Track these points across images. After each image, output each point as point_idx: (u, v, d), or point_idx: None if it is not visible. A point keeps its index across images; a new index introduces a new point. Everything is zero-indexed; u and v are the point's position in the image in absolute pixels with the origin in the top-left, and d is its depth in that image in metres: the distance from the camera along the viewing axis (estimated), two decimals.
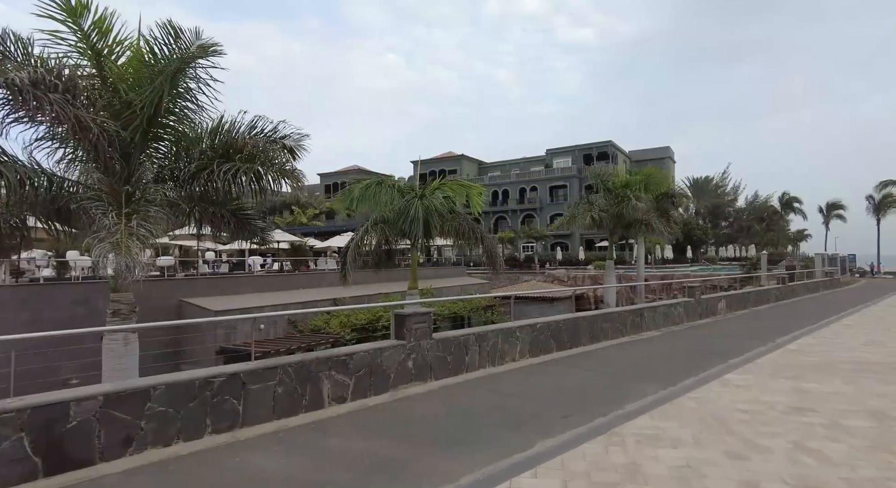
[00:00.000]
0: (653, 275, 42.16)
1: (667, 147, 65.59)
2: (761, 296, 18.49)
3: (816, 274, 30.15)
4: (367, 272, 28.86)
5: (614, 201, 17.99)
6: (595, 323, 10.25)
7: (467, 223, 11.87)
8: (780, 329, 11.94)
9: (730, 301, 15.86)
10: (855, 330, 11.96)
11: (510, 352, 8.20)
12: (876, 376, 7.22)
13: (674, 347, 9.65)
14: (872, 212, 54.26)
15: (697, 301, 14.00)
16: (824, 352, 9.13)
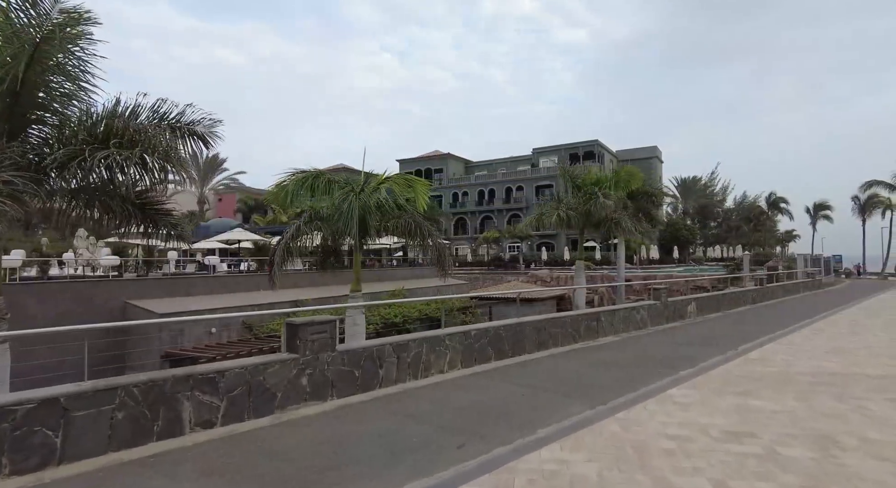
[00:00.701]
0: (636, 275, 41.60)
1: (654, 146, 65.16)
2: (737, 299, 17.83)
3: (798, 275, 29.64)
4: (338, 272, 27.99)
5: (583, 199, 17.26)
6: (543, 328, 9.47)
7: (414, 220, 11.05)
8: (748, 334, 11.24)
9: (701, 303, 15.17)
10: (824, 335, 11.28)
11: (437, 363, 7.40)
12: (831, 390, 6.49)
13: (625, 356, 8.89)
14: (858, 212, 54.10)
15: (664, 304, 13.27)
16: (785, 361, 8.42)
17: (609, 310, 11.51)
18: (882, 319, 14.23)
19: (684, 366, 7.94)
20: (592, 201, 16.75)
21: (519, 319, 9.16)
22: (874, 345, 9.88)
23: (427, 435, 4.83)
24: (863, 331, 12.00)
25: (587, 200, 17.05)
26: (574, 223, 17.44)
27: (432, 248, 11.31)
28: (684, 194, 69.66)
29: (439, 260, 11.39)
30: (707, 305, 15.52)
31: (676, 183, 70.15)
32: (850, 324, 13.07)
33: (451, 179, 68.11)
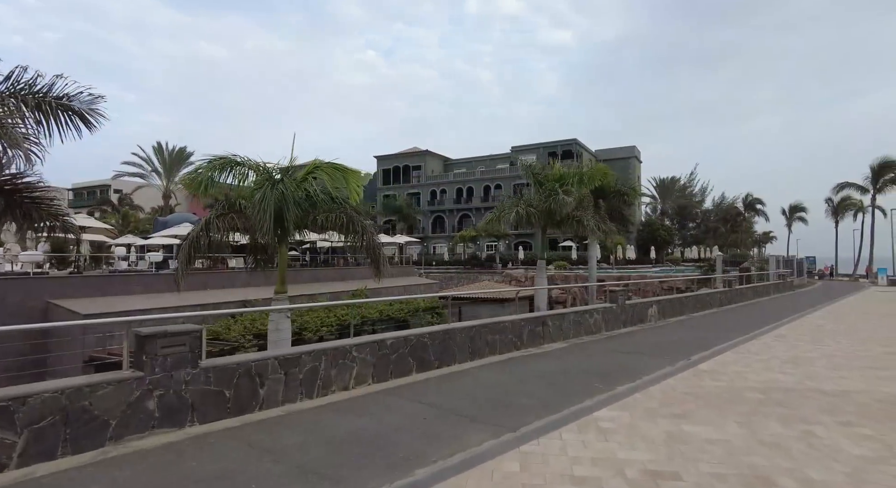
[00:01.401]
0: (610, 275, 41.10)
1: (632, 146, 64.97)
2: (703, 301, 17.19)
3: (770, 276, 29.32)
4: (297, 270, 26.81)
5: (545, 196, 16.42)
6: (478, 335, 8.57)
7: (346, 215, 10.04)
8: (705, 341, 10.49)
9: (663, 306, 14.44)
10: (785, 342, 10.58)
11: (340, 378, 6.43)
12: (779, 411, 5.69)
13: (564, 367, 8.03)
14: (831, 214, 54.52)
15: (621, 307, 12.49)
16: (738, 373, 7.64)
17: (557, 313, 10.66)
18: (846, 324, 13.65)
19: (625, 380, 7.10)
20: (552, 198, 15.93)
21: (448, 325, 8.24)
22: (834, 355, 9.18)
23: (272, 479, 3.87)
24: (825, 337, 11.35)
25: (548, 197, 16.24)
26: (535, 221, 16.58)
27: (366, 247, 10.30)
28: (662, 195, 69.68)
29: (374, 259, 10.40)
30: (670, 308, 14.81)
31: (655, 183, 70.15)
32: (814, 330, 12.43)
33: (429, 177, 67.09)
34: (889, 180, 41.39)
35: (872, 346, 10.10)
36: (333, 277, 26.69)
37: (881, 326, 13.33)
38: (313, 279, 25.72)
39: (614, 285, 13.69)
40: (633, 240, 61.02)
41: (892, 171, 41.06)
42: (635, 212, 64.08)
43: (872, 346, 10.10)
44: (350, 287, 24.67)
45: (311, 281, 25.63)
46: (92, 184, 70.08)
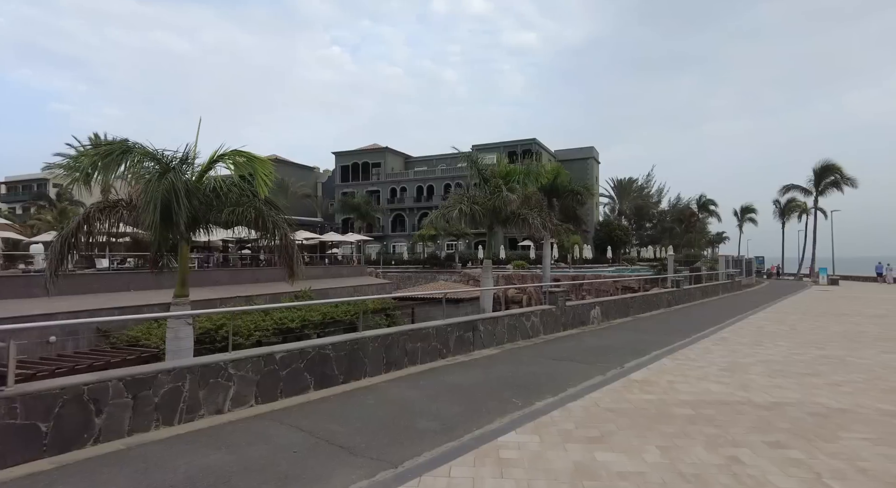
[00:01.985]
0: (566, 275, 41.10)
1: (591, 147, 65.63)
2: (649, 302, 16.91)
3: (720, 276, 29.72)
4: (237, 271, 25.31)
5: (490, 193, 15.76)
6: (396, 344, 7.71)
7: (256, 209, 9.00)
8: (644, 346, 9.99)
9: (607, 308, 13.98)
10: (725, 346, 10.20)
11: (212, 400, 5.45)
12: (707, 431, 5.08)
13: (486, 378, 7.28)
14: (778, 216, 56.50)
15: (561, 309, 11.90)
16: (671, 384, 7.06)
17: (490, 317, 9.93)
18: (786, 325, 13.53)
19: (547, 394, 6.41)
20: (497, 195, 15.28)
21: (359, 334, 7.35)
22: (771, 359, 8.80)
23: None
24: (765, 339, 11.06)
25: (493, 194, 15.58)
26: (479, 219, 15.89)
27: (279, 245, 9.28)
28: (620, 195, 70.79)
29: (287, 260, 9.38)
30: (614, 310, 14.37)
31: (612, 184, 71.20)
32: (755, 332, 12.18)
33: (389, 175, 65.89)
34: (830, 183, 43.02)
35: (809, 349, 9.82)
36: (276, 278, 25.30)
37: (818, 326, 13.25)
38: (253, 280, 24.30)
39: (554, 286, 13.10)
40: (591, 240, 61.66)
41: (833, 175, 42.69)
42: (593, 212, 64.81)
43: (809, 349, 9.82)
44: (290, 288, 23.44)
45: (251, 282, 24.22)
46: (28, 178, 65.58)
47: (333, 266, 30.02)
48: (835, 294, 26.93)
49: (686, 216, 61.44)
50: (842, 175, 42.21)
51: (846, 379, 7.31)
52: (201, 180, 9.06)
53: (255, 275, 24.68)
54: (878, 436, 4.95)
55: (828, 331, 12.36)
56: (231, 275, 23.55)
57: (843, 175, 42.25)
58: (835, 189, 42.84)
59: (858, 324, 13.66)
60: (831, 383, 7.12)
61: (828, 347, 10.10)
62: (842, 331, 12.35)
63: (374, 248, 65.89)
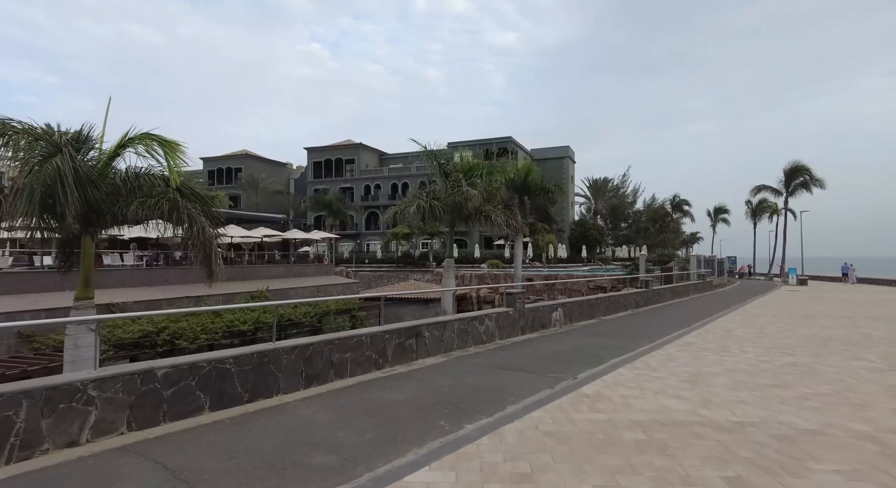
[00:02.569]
0: (539, 274, 40.61)
1: (566, 146, 65.46)
2: (616, 303, 16.28)
3: (692, 276, 29.47)
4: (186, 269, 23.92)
5: (451, 188, 14.91)
6: (319, 354, 6.77)
7: (170, 200, 7.95)
8: (603, 352, 9.27)
9: (570, 309, 13.26)
10: (690, 352, 9.53)
11: (62, 429, 4.44)
12: (656, 461, 4.29)
13: (418, 394, 6.41)
14: (750, 216, 57.09)
15: (519, 311, 11.11)
16: (624, 400, 6.30)
17: (438, 322, 9.06)
18: (754, 328, 13.01)
19: (482, 413, 5.57)
20: (457, 190, 14.44)
21: (269, 345, 6.38)
22: (737, 368, 8.14)
23: None
24: (732, 345, 10.46)
25: (454, 189, 14.73)
26: (440, 215, 15.03)
27: (196, 241, 8.24)
28: (595, 195, 70.82)
29: (205, 257, 8.36)
30: (578, 312, 13.66)
31: (588, 183, 71.19)
32: (722, 337, 11.59)
33: (363, 171, 64.61)
34: (799, 184, 43.46)
35: (776, 356, 9.22)
36: (232, 277, 24.01)
37: (786, 329, 12.76)
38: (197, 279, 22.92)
39: (512, 287, 12.29)
40: (566, 240, 61.45)
41: (802, 175, 43.13)
42: (568, 211, 64.64)
43: (776, 356, 9.22)
44: (248, 288, 22.22)
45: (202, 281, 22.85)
46: None
47: (296, 265, 28.81)
48: (803, 294, 26.89)
49: (660, 216, 61.71)
50: (811, 176, 42.67)
51: (814, 392, 6.65)
52: (107, 167, 7.98)
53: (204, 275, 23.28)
54: (852, 468, 4.22)
55: (796, 335, 11.85)
56: (182, 273, 22.20)
57: (812, 176, 42.71)
58: (804, 190, 43.30)
59: (826, 327, 13.23)
60: (799, 396, 6.44)
61: (796, 353, 9.52)
62: (810, 335, 11.85)
63: (347, 247, 64.64)
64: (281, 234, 29.06)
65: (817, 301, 22.16)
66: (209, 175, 70.22)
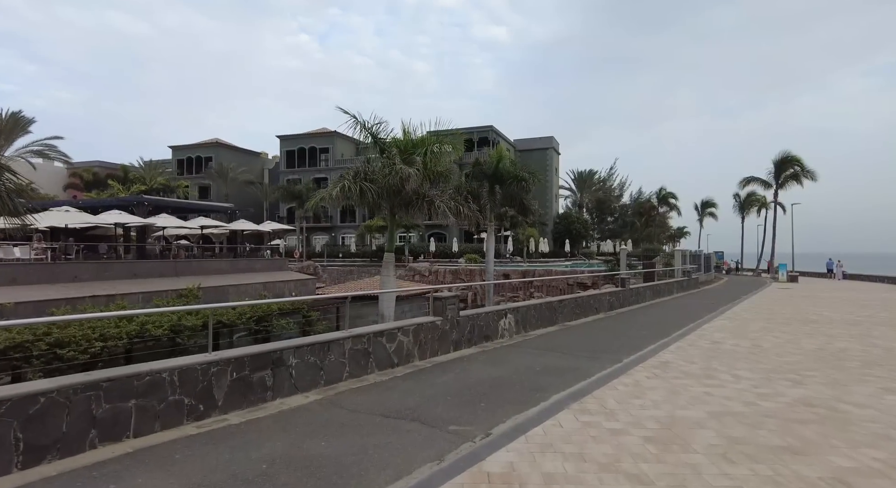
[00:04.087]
0: (516, 271, 38.23)
1: (550, 137, 63.03)
2: (585, 305, 13.84)
3: (677, 272, 27.21)
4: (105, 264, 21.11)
5: (388, 167, 12.32)
6: (63, 408, 4.19)
7: None
8: (549, 380, 6.81)
9: (524, 315, 10.77)
10: (664, 380, 7.08)
11: None
12: None
13: (208, 479, 3.87)
14: (738, 210, 55.23)
15: (450, 321, 8.60)
16: (549, 480, 3.81)
17: (317, 342, 6.46)
18: (748, 339, 10.64)
19: None
20: (391, 170, 11.86)
21: (88, 377, 3.77)
22: (729, 410, 5.69)
23: None
24: (720, 366, 8.05)
25: (390, 169, 12.14)
26: (373, 200, 12.42)
27: None
28: (580, 188, 68.61)
29: None
30: (536, 317, 11.19)
31: (573, 176, 68.93)
32: (708, 353, 9.18)
33: (338, 161, 61.61)
34: (789, 176, 41.44)
35: (781, 386, 6.82)
36: (160, 272, 21.25)
37: (787, 341, 10.41)
38: (129, 275, 20.18)
39: (436, 290, 9.69)
40: (549, 234, 59.16)
41: (792, 167, 41.11)
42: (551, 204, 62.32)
43: (781, 386, 6.82)
44: (178, 285, 19.47)
45: (127, 277, 20.09)
46: None
47: (244, 259, 26.02)
48: (796, 292, 24.77)
49: (646, 209, 59.61)
50: (802, 167, 40.66)
51: (854, 466, 4.21)
52: None
53: (131, 269, 20.54)
54: None
55: (800, 349, 9.50)
56: (98, 269, 19.39)
57: (803, 167, 40.70)
58: (794, 182, 41.27)
59: (834, 337, 10.91)
60: (833, 477, 4.00)
61: (806, 379, 7.13)
62: (817, 349, 9.50)
63: (321, 240, 61.76)
64: (226, 225, 26.24)
65: (813, 301, 19.97)
66: (178, 164, 67.04)
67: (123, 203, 23.21)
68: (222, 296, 21.41)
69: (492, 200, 27.66)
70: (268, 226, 29.23)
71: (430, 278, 40.66)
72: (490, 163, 28.24)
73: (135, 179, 50.08)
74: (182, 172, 66.06)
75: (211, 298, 20.53)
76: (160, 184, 51.25)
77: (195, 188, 65.00)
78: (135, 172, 53.59)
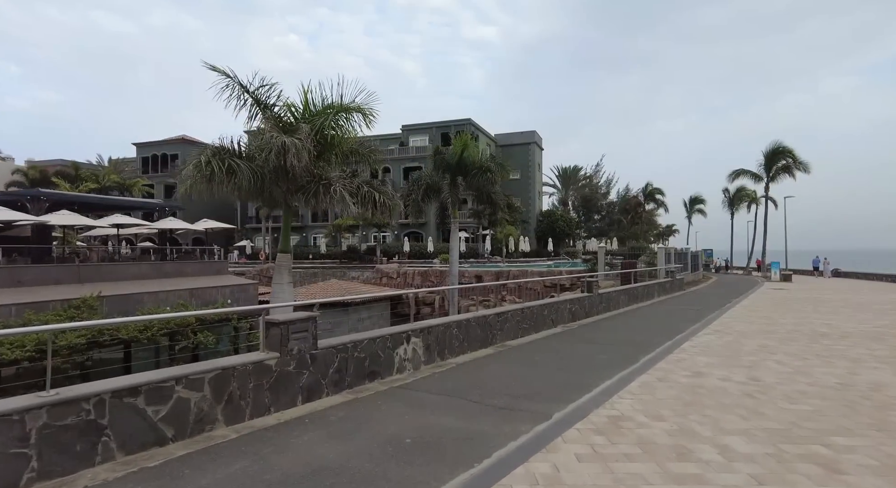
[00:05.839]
0: (489, 271, 35.33)
1: (532, 132, 60.32)
2: (537, 318, 10.95)
3: (660, 273, 24.49)
4: None
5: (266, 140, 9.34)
6: None
7: None
8: (438, 463, 3.89)
9: (441, 338, 7.86)
10: (604, 461, 4.19)
11: None
12: None
13: None
14: (727, 206, 52.97)
15: (297, 359, 5.64)
16: None
17: (158, 381, 3.51)
18: (742, 367, 7.81)
19: None
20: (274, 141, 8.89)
21: None
22: None
23: None
24: (704, 419, 5.20)
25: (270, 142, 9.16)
26: (252, 184, 9.45)
27: None
28: (565, 184, 66.00)
29: None
30: (459, 339, 8.26)
31: (557, 172, 66.30)
32: (686, 395, 6.33)
33: None
34: (781, 168, 39.00)
35: (804, 467, 3.96)
36: (58, 278, 18.10)
37: (795, 370, 7.61)
38: (12, 283, 17.00)
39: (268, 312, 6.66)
40: (532, 232, 56.45)
41: (784, 158, 38.67)
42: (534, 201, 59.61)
43: (804, 467, 3.96)
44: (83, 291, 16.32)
45: (9, 285, 16.91)
46: None
47: (173, 262, 22.86)
48: (792, 294, 22.13)
49: (632, 206, 57.10)
50: (794, 159, 38.21)
51: None
52: None
53: (16, 276, 17.35)
54: None
55: (815, 384, 6.68)
56: None
57: (795, 159, 38.26)
58: (786, 174, 38.83)
59: (857, 361, 8.13)
60: None
61: (843, 460, 4.27)
62: (839, 385, 6.69)
63: (292, 240, 58.68)
64: (149, 224, 23.08)
65: (815, 305, 17.29)
66: (143, 162, 63.67)
67: (14, 197, 20.01)
68: (133, 306, 18.32)
69: (453, 193, 24.85)
70: (203, 224, 26.11)
71: (397, 281, 37.74)
72: (453, 152, 25.37)
73: (86, 177, 46.72)
74: (147, 170, 62.76)
75: (117, 309, 17.41)
76: (114, 182, 47.94)
77: (161, 187, 61.76)
78: (89, 170, 50.22)
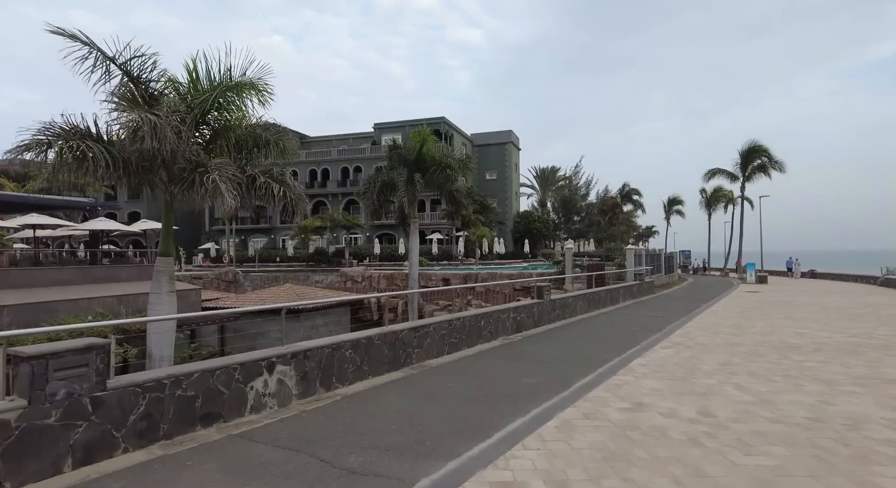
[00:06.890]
0: (457, 274, 33.84)
1: (509, 131, 59.07)
2: (472, 329, 9.42)
3: (628, 276, 23.19)
4: None
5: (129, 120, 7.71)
6: None
7: None
8: None
9: (331, 362, 6.30)
10: None
11: None
12: None
13: None
14: (704, 206, 52.33)
15: (67, 408, 4.03)
16: None
17: None
18: (696, 396, 6.40)
19: None
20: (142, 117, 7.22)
21: None
22: None
23: None
24: (637, 464, 3.70)
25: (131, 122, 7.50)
26: (113, 167, 7.77)
27: None
28: (543, 185, 64.94)
29: None
30: (355, 362, 6.68)
31: (535, 173, 65.22)
32: (612, 442, 4.87)
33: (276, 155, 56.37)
34: (757, 167, 38.28)
35: None
36: None
37: (760, 402, 6.23)
38: None
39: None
40: (509, 233, 55.22)
41: (760, 157, 37.95)
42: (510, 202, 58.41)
43: None
44: None
45: None
46: None
47: (104, 267, 20.87)
48: (766, 297, 21.04)
49: (609, 207, 56.14)
50: (770, 157, 37.50)
51: None
52: None
53: None
54: None
55: (779, 416, 5.27)
56: None
57: (770, 158, 37.56)
58: (762, 174, 38.11)
59: (832, 384, 6.77)
60: None
61: None
62: (809, 420, 5.27)
63: (260, 242, 56.55)
64: (74, 225, 21.11)
65: (788, 309, 16.12)
66: None
67: None
68: (43, 316, 16.37)
69: (410, 192, 23.29)
70: (141, 225, 24.16)
71: (363, 285, 36.07)
72: (411, 148, 23.78)
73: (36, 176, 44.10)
74: None
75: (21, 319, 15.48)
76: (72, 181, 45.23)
77: None
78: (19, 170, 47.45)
